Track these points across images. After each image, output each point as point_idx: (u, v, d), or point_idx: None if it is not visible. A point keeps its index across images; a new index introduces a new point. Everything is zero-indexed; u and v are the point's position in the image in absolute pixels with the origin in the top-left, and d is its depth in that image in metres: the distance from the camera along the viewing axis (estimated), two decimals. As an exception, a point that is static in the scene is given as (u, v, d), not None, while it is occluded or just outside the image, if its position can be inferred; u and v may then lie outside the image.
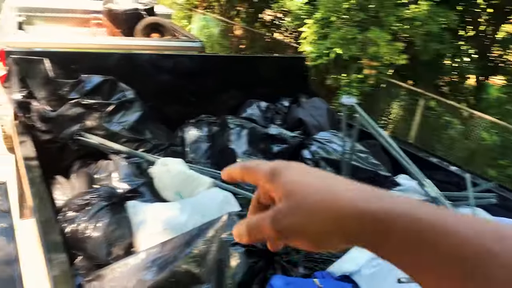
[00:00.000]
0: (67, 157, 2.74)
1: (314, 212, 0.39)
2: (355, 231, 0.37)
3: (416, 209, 0.35)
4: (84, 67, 2.95)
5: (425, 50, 5.43)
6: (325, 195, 0.39)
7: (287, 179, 0.42)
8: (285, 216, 0.40)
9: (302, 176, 0.42)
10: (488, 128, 5.24)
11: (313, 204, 0.39)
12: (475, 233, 0.32)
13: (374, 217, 0.36)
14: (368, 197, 0.38)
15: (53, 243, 1.55)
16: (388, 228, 0.35)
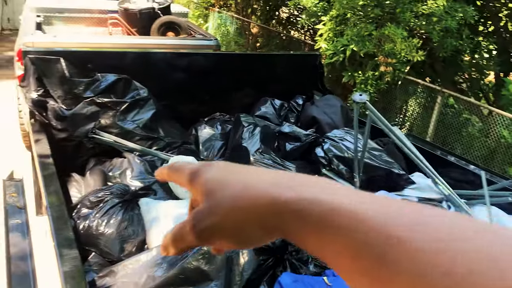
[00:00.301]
0: (82, 155, 2.79)
1: (231, 209, 0.38)
2: (272, 222, 0.36)
3: (331, 195, 0.34)
4: (100, 66, 3.00)
5: (443, 47, 5.33)
6: (242, 190, 0.38)
7: (207, 179, 0.42)
8: (204, 217, 0.39)
9: (223, 174, 0.41)
10: (508, 125, 5.13)
11: (230, 200, 0.38)
12: (388, 220, 0.30)
13: (287, 206, 0.35)
14: (283, 185, 0.36)
15: (65, 239, 1.57)
16: (302, 216, 0.34)
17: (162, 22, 5.51)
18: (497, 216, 2.37)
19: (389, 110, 6.29)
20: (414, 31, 5.40)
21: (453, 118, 5.72)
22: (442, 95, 5.62)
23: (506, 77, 6.40)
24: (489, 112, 5.46)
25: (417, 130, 6.11)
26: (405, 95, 6.02)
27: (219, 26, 10.80)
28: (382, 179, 2.64)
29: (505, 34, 6.39)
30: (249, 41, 10.54)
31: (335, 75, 6.50)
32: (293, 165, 2.96)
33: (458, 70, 6.37)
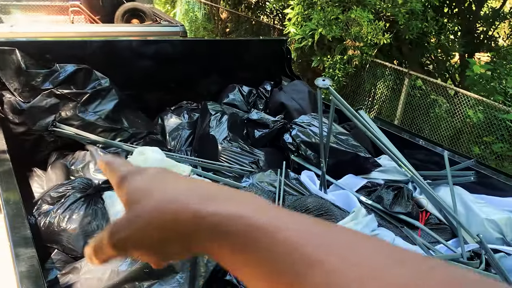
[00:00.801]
0: (43, 149, 2.69)
1: (150, 222, 0.36)
2: (191, 237, 0.34)
3: (252, 212, 0.32)
4: (59, 56, 2.88)
5: (409, 29, 5.38)
6: (163, 202, 0.36)
7: (131, 188, 0.40)
8: (121, 228, 0.38)
9: (148, 184, 0.39)
10: (473, 105, 5.25)
11: (150, 213, 0.36)
12: (304, 240, 0.30)
13: (206, 220, 0.33)
14: (206, 198, 0.35)
15: (22, 238, 1.52)
16: (220, 231, 0.33)
17: (126, 9, 5.37)
18: (460, 195, 2.42)
19: (358, 94, 6.35)
20: (380, 14, 5.43)
21: (420, 100, 5.81)
22: (409, 77, 5.69)
23: (470, 58, 6.53)
24: (455, 93, 5.57)
25: (386, 112, 6.19)
26: (374, 78, 6.07)
27: (187, 12, 10.62)
28: (348, 163, 2.66)
29: (469, 15, 6.50)
30: (218, 26, 10.41)
31: (305, 60, 6.49)
32: (261, 152, 2.94)
33: (424, 52, 6.46)
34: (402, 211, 2.37)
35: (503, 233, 2.23)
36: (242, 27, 9.78)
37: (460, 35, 6.54)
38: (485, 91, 5.67)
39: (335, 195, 2.43)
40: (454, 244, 2.22)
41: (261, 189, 2.32)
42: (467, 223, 2.27)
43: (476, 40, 6.66)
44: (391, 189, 2.49)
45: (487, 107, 5.15)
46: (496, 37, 6.98)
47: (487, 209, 2.31)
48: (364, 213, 2.08)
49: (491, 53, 6.59)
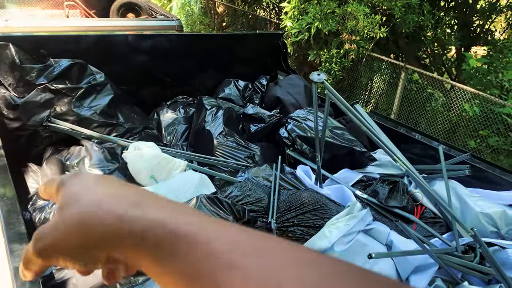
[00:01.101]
0: (38, 144, 2.69)
1: (73, 226, 0.35)
2: (113, 243, 0.34)
3: (175, 218, 0.32)
4: (54, 51, 2.87)
5: (405, 23, 5.37)
6: (90, 207, 0.35)
7: (65, 192, 0.39)
8: (46, 234, 0.36)
9: (80, 189, 0.38)
10: (469, 99, 5.26)
11: (75, 217, 0.35)
12: (226, 245, 0.30)
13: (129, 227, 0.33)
14: (131, 204, 0.34)
15: (16, 234, 1.52)
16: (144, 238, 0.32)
17: (121, 3, 5.33)
18: (455, 189, 2.43)
19: (355, 88, 6.34)
20: (376, 7, 5.41)
21: (417, 94, 5.81)
22: (405, 71, 5.69)
23: (467, 51, 6.53)
24: (451, 87, 5.58)
25: (382, 106, 6.20)
26: (370, 72, 6.07)
27: (183, 6, 10.56)
28: (344, 157, 2.67)
29: (466, 9, 6.49)
30: (215, 20, 10.36)
31: (302, 54, 6.48)
32: (257, 146, 2.94)
33: (421, 45, 6.45)
34: (397, 205, 2.38)
35: (497, 226, 2.24)
36: (238, 21, 9.74)
37: (456, 29, 6.53)
38: (482, 85, 5.68)
39: (330, 190, 2.43)
40: (449, 237, 2.23)
41: (256, 183, 2.32)
42: (462, 217, 2.28)
43: (473, 33, 6.65)
44: (387, 183, 2.50)
45: (483, 101, 5.16)
46: (493, 30, 6.97)
47: (482, 202, 2.32)
48: (359, 207, 2.09)
49: (487, 46, 6.58)
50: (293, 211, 2.08)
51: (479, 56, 6.57)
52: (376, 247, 1.99)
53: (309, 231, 1.98)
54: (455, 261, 1.94)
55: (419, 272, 1.98)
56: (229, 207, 1.76)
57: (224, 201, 1.77)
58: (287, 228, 2.04)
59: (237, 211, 1.77)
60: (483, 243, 1.92)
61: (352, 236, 1.96)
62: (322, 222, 2.00)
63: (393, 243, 2.04)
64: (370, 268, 1.93)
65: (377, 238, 2.06)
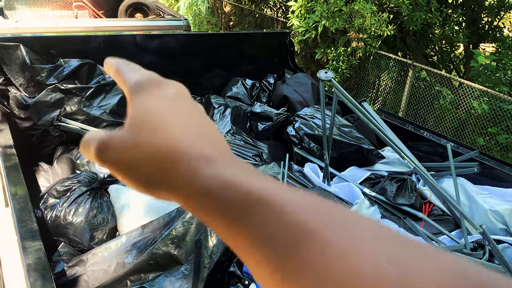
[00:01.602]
0: (49, 144, 2.72)
1: (145, 156, 0.34)
2: (182, 190, 0.32)
3: (250, 180, 0.31)
4: (64, 51, 2.90)
5: (412, 20, 5.35)
6: (165, 143, 0.34)
7: (141, 105, 0.36)
8: (113, 149, 0.34)
9: (162, 108, 0.36)
10: (478, 96, 5.23)
11: (150, 147, 0.34)
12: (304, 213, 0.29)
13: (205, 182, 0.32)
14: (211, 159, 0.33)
15: (28, 231, 1.54)
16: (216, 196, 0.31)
17: (129, 3, 5.37)
18: (464, 187, 2.43)
19: (362, 86, 6.33)
20: (383, 5, 5.40)
21: (425, 91, 5.79)
22: (413, 68, 5.67)
23: (475, 48, 6.48)
24: (460, 84, 5.55)
25: (390, 104, 6.18)
26: (378, 70, 6.05)
27: (190, 5, 10.59)
28: (352, 155, 2.67)
29: (474, 6, 6.45)
30: (222, 20, 10.38)
31: (309, 52, 6.48)
32: (265, 144, 2.96)
33: (429, 43, 6.42)
34: (406, 203, 2.38)
35: (506, 223, 2.23)
36: (245, 20, 9.75)
37: (464, 26, 6.49)
38: (490, 82, 5.64)
39: (338, 187, 2.44)
40: (458, 235, 2.23)
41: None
42: (470, 214, 2.28)
43: (481, 30, 6.61)
44: (395, 181, 2.50)
45: (492, 98, 5.12)
46: (502, 27, 6.92)
47: (490, 200, 2.32)
48: (367, 205, 2.09)
49: (496, 43, 6.54)
50: (301, 208, 2.09)
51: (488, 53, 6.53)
52: (384, 244, 1.99)
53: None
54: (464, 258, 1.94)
55: (428, 269, 1.98)
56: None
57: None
58: (295, 226, 2.05)
59: (246, 209, 1.79)
60: (492, 240, 1.92)
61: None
62: (330, 219, 2.01)
63: (401, 240, 2.04)
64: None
65: (385, 235, 2.06)
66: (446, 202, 2.29)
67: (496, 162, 2.56)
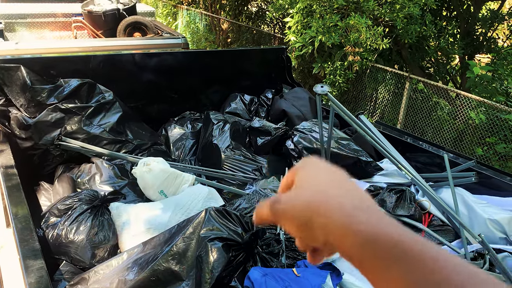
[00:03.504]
0: (50, 163, 2.74)
1: (306, 207, 0.43)
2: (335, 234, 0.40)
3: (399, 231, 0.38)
4: (63, 71, 2.95)
5: (407, 33, 5.42)
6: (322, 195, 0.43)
7: (302, 174, 0.47)
8: (282, 202, 0.45)
9: (314, 176, 0.47)
10: (475, 107, 5.26)
11: (308, 200, 0.44)
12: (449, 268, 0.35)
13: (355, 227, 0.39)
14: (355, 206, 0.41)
15: (30, 250, 1.55)
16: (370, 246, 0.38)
17: (127, 22, 5.44)
18: (462, 196, 2.44)
19: (360, 99, 6.38)
20: (378, 19, 5.47)
21: (422, 103, 5.83)
22: (410, 80, 5.72)
23: (470, 59, 6.55)
24: (457, 95, 5.59)
25: (388, 116, 6.21)
26: (375, 83, 6.11)
27: (188, 23, 10.72)
28: (350, 167, 2.69)
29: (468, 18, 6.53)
30: (220, 37, 10.50)
31: (306, 67, 6.54)
32: (264, 159, 2.98)
33: (424, 55, 6.49)
34: (405, 214, 2.39)
35: (506, 232, 2.24)
36: (243, 37, 9.86)
37: (459, 38, 6.57)
38: (487, 92, 5.69)
39: (338, 200, 2.45)
40: (458, 245, 2.24)
41: (264, 195, 2.35)
42: (470, 224, 2.29)
43: (476, 42, 6.68)
44: (394, 192, 2.51)
45: (489, 108, 5.16)
46: (496, 38, 7.00)
47: (489, 209, 2.33)
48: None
49: (491, 54, 6.60)
50: (301, 222, 2.10)
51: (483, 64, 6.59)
52: (384, 256, 2.00)
53: (317, 241, 2.00)
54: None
55: (429, 279, 1.99)
56: (237, 219, 1.79)
57: (232, 213, 1.80)
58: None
59: (246, 223, 1.80)
60: (491, 249, 1.93)
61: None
62: (330, 232, 2.02)
63: (401, 251, 2.05)
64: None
65: (385, 246, 2.07)
66: (445, 212, 2.30)
67: (493, 171, 2.58)
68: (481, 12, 6.66)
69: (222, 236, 1.69)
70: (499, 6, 6.75)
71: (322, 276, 1.62)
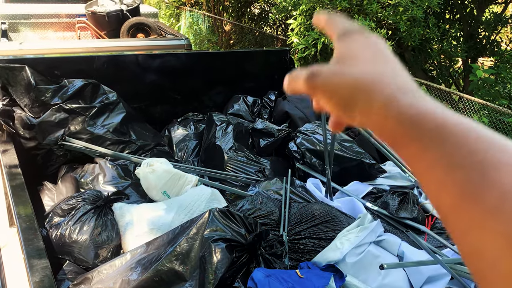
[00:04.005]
0: (53, 163, 2.75)
1: (350, 81, 0.40)
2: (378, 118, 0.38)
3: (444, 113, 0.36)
4: (67, 71, 2.96)
5: (410, 36, 5.42)
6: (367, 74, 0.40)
7: (346, 46, 0.44)
8: (322, 74, 0.42)
9: (365, 49, 0.43)
10: (478, 110, 5.25)
11: (353, 76, 0.40)
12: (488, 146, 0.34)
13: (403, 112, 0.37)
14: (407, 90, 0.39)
15: (35, 250, 1.56)
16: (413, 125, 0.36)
17: (131, 23, 5.46)
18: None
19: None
20: (382, 22, 5.47)
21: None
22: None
23: (473, 62, 6.54)
24: (459, 98, 5.59)
25: (390, 119, 6.20)
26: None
27: (191, 25, 10.74)
28: (353, 169, 2.69)
29: (471, 21, 6.53)
30: (222, 38, 10.51)
31: (309, 69, 6.53)
32: (267, 160, 2.98)
33: (427, 58, 6.49)
34: (408, 216, 2.39)
35: (509, 236, 2.23)
36: (245, 39, 9.88)
37: (462, 41, 6.56)
38: (490, 96, 5.68)
39: (341, 202, 2.45)
40: (461, 248, 2.23)
41: (267, 197, 2.35)
42: (473, 227, 2.28)
43: (479, 45, 6.67)
44: (397, 195, 2.51)
45: (492, 111, 5.15)
46: (499, 41, 6.99)
47: (492, 212, 2.32)
48: (370, 219, 2.11)
49: (494, 57, 6.60)
50: (304, 223, 2.10)
51: (486, 67, 6.58)
52: (387, 258, 2.00)
53: (320, 243, 2.00)
54: (467, 271, 1.94)
55: (432, 282, 1.99)
56: (241, 220, 1.79)
57: (236, 214, 1.80)
58: (299, 241, 2.06)
59: (249, 224, 1.80)
60: (495, 252, 1.92)
61: (363, 247, 1.98)
62: (334, 234, 2.02)
63: (404, 254, 2.05)
64: (382, 279, 1.94)
65: (388, 249, 2.07)
66: (449, 215, 2.30)
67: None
68: (485, 15, 6.66)
69: (226, 237, 1.69)
70: (503, 10, 6.74)
71: (325, 277, 1.62)
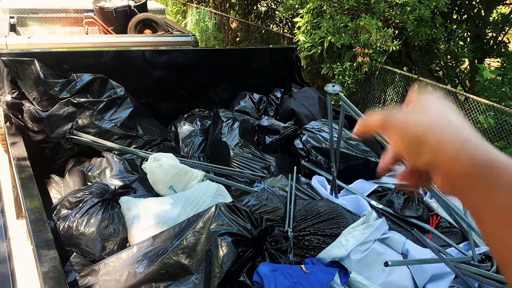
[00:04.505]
0: (60, 156, 2.77)
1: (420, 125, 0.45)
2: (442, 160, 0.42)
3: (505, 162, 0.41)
4: (76, 66, 2.98)
5: (417, 35, 5.42)
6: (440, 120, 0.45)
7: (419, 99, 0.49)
8: (397, 117, 0.47)
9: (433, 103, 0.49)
10: (484, 111, 5.24)
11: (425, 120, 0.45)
12: None
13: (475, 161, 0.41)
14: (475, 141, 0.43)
15: (43, 241, 1.58)
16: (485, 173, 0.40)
17: (138, 19, 5.48)
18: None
19: (368, 100, 6.37)
20: (389, 21, 5.47)
21: (430, 106, 5.79)
22: (419, 83, 5.71)
23: (480, 63, 6.52)
24: (465, 99, 5.57)
25: (396, 118, 6.19)
26: (383, 85, 6.10)
27: (197, 22, 10.75)
28: (359, 167, 2.70)
29: (478, 21, 6.51)
30: (229, 35, 10.52)
31: (315, 67, 6.55)
32: (272, 157, 2.99)
33: (434, 58, 6.47)
34: (413, 215, 2.40)
35: (514, 236, 2.24)
36: (252, 36, 9.88)
37: (469, 41, 6.54)
38: (496, 96, 5.66)
39: (346, 200, 2.46)
40: (465, 247, 2.24)
41: (272, 193, 2.36)
42: (477, 226, 2.29)
43: (486, 45, 6.65)
44: (402, 193, 2.52)
45: (498, 112, 5.14)
46: (506, 42, 6.97)
47: (497, 212, 2.33)
48: (375, 216, 2.11)
49: (501, 58, 6.57)
50: (309, 220, 2.12)
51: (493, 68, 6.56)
52: (392, 256, 2.01)
53: (325, 240, 2.01)
54: (471, 270, 1.95)
55: (436, 281, 2.00)
56: (247, 215, 1.81)
57: (242, 209, 1.82)
58: (304, 237, 2.07)
59: (255, 219, 1.81)
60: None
61: (368, 244, 1.98)
62: (338, 231, 2.03)
63: (409, 252, 2.06)
64: (387, 276, 1.95)
65: (393, 247, 2.08)
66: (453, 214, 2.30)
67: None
68: (492, 16, 6.64)
69: (232, 231, 1.70)
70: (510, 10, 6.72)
71: (330, 273, 1.64)
